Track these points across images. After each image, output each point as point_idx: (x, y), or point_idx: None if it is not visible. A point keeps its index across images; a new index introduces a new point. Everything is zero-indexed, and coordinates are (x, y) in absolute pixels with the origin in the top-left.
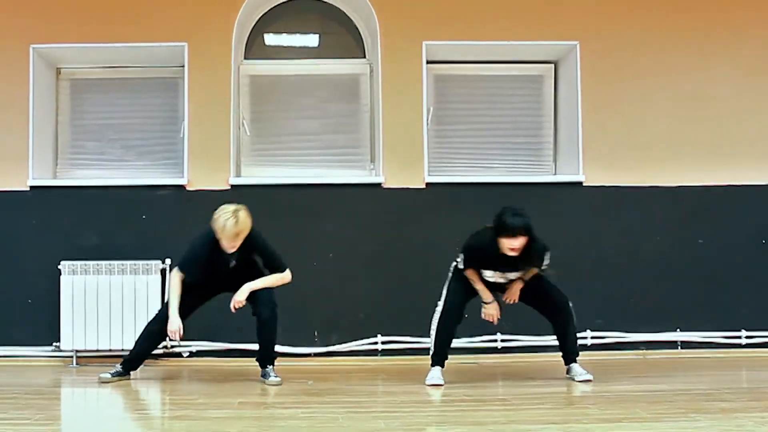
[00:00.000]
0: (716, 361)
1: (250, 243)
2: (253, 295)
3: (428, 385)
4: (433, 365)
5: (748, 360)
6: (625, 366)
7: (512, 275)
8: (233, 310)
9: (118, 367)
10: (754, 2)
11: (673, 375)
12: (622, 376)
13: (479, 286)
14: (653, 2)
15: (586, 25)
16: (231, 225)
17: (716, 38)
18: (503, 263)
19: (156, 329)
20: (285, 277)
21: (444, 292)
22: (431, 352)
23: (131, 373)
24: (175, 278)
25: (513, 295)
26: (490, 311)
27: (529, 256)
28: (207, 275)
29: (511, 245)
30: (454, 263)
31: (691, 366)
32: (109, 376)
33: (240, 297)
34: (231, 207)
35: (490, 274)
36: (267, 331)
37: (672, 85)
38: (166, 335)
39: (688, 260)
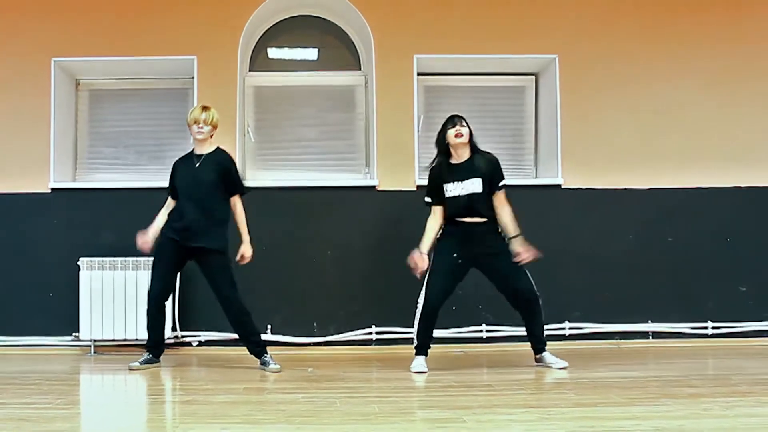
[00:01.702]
0: (685, 350)
1: (222, 157)
2: (219, 299)
3: (413, 372)
4: (417, 354)
5: (714, 349)
6: (600, 354)
7: (471, 182)
8: (246, 261)
9: (146, 355)
10: (722, 17)
11: (645, 363)
12: (597, 364)
13: (429, 236)
14: (627, 18)
15: (565, 39)
16: (198, 106)
17: (684, 51)
18: (458, 171)
19: (154, 309)
20: (241, 204)
21: (426, 278)
22: (415, 344)
23: (161, 358)
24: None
25: (525, 254)
26: (415, 256)
27: (479, 155)
28: (179, 181)
29: (457, 131)
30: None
31: (661, 354)
32: (137, 364)
33: (247, 249)
34: None
35: (452, 188)
36: (244, 331)
37: (644, 95)
38: (164, 309)
39: (658, 257)
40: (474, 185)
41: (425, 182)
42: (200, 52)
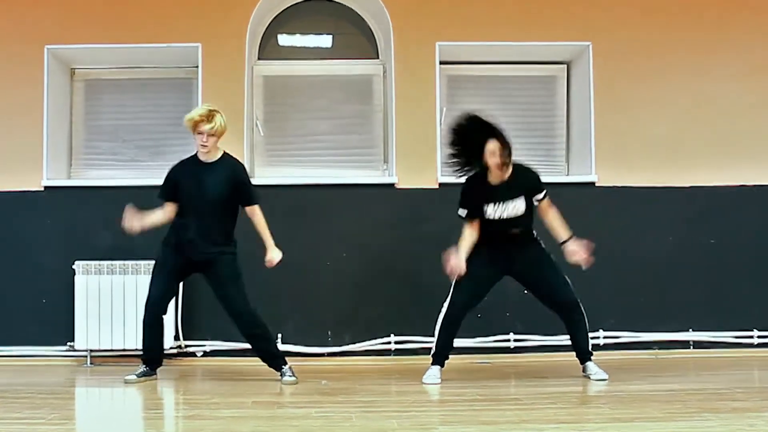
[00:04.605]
0: (728, 361)
1: (233, 168)
2: (231, 313)
3: (426, 384)
4: (433, 364)
5: (760, 359)
6: (637, 365)
7: (513, 204)
8: (271, 265)
9: (143, 368)
10: (764, 5)
11: (685, 375)
12: (634, 376)
13: (466, 244)
14: (665, 3)
15: (599, 25)
16: (203, 107)
17: (727, 38)
18: (499, 193)
19: (151, 319)
20: (260, 212)
21: (452, 285)
22: (432, 351)
23: (158, 371)
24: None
25: (578, 253)
26: (452, 260)
27: (519, 173)
28: (183, 192)
29: (490, 149)
30: None
31: (703, 365)
32: (134, 377)
33: (275, 255)
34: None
35: (491, 210)
36: (259, 344)
37: (684, 86)
38: (162, 320)
39: (699, 260)
40: (517, 207)
41: (448, 179)
42: (205, 39)
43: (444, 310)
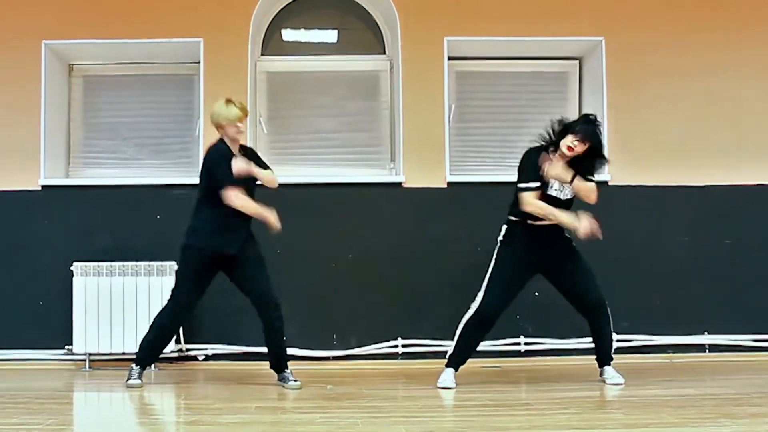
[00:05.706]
0: (745, 365)
1: (248, 149)
2: (257, 297)
3: (440, 388)
4: (448, 366)
5: None
6: (651, 369)
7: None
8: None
9: (138, 369)
10: None
11: (700, 379)
12: (648, 380)
13: (553, 211)
14: None
15: (612, 20)
16: (239, 104)
17: (743, 36)
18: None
19: (178, 325)
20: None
21: (485, 282)
22: (450, 352)
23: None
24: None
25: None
26: (585, 223)
27: (587, 164)
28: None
29: (575, 143)
30: (502, 230)
31: (719, 369)
32: (139, 382)
33: (243, 165)
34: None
35: (556, 186)
36: (278, 335)
37: (699, 83)
38: (178, 330)
39: (715, 261)
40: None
41: (456, 178)
42: (207, 34)
43: (473, 310)
